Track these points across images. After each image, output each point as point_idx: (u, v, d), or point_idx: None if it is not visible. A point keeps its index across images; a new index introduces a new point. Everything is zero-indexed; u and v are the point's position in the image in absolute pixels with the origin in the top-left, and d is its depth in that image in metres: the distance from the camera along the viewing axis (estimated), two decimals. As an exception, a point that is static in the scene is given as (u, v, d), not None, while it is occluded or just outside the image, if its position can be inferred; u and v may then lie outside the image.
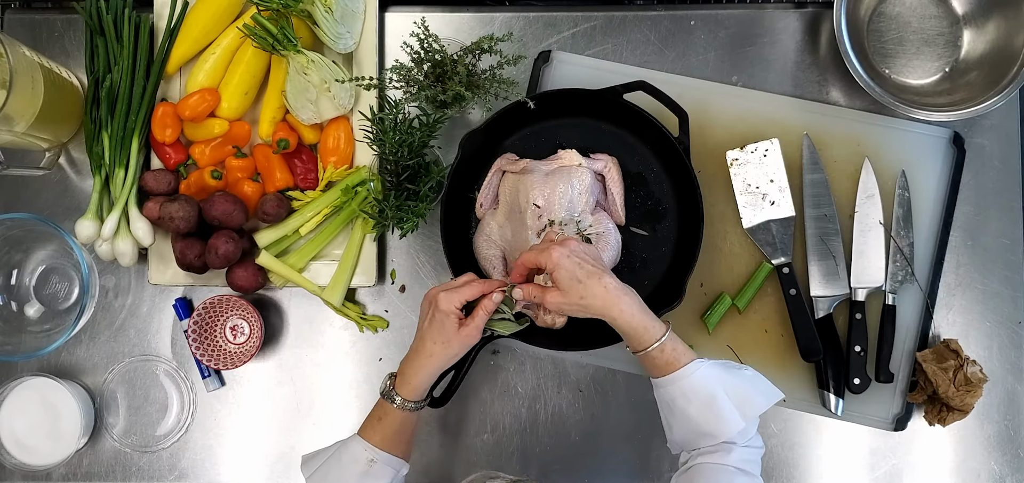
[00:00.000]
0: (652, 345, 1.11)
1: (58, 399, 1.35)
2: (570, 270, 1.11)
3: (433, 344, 1.14)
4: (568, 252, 1.13)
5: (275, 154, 1.37)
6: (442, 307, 1.14)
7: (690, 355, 1.11)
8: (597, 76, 1.40)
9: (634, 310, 1.12)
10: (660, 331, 1.12)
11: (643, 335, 1.11)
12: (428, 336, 1.15)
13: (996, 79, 1.35)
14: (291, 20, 1.31)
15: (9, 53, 1.21)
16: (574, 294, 1.11)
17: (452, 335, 1.14)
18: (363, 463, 1.13)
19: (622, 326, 1.12)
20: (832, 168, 1.39)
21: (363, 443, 1.15)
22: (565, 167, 1.32)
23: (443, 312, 1.14)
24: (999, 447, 1.37)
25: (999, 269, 1.39)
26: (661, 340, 1.11)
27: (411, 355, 1.17)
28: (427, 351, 1.15)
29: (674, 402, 1.10)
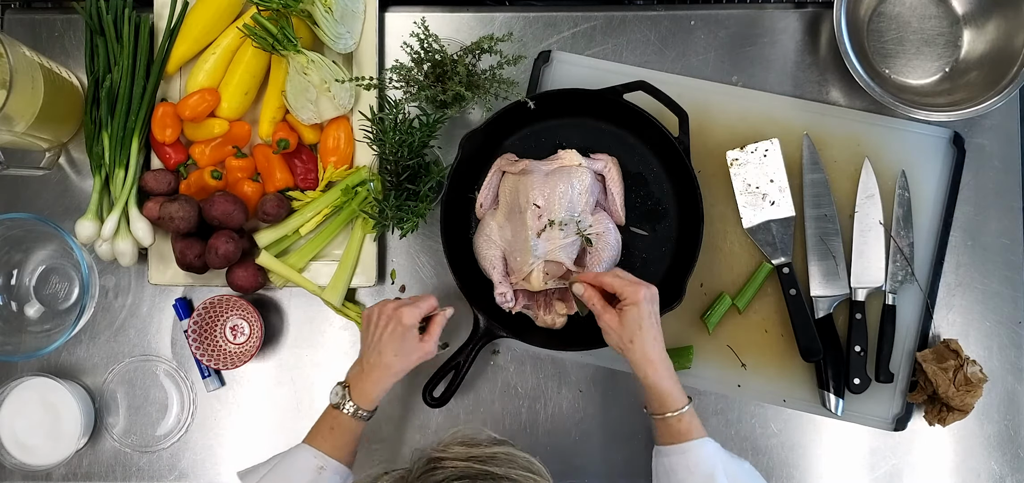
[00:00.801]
0: (673, 413, 1.14)
1: (58, 399, 1.35)
2: (641, 315, 1.15)
3: (394, 357, 1.18)
4: (650, 298, 1.16)
5: (275, 154, 1.37)
6: (406, 322, 1.18)
7: (702, 431, 1.15)
8: (597, 76, 1.40)
9: (666, 376, 1.15)
10: (684, 401, 1.15)
11: (667, 400, 1.14)
12: (387, 349, 1.18)
13: (996, 79, 1.35)
14: (291, 20, 1.31)
15: (9, 53, 1.21)
16: (629, 332, 1.15)
17: (412, 348, 1.19)
18: (312, 471, 1.13)
19: (652, 386, 1.15)
20: (832, 168, 1.39)
21: (312, 451, 1.15)
22: (565, 167, 1.32)
23: (405, 326, 1.18)
24: (999, 447, 1.37)
25: (999, 269, 1.39)
26: (682, 410, 1.14)
27: (367, 368, 1.18)
28: (385, 364, 1.18)
29: (675, 472, 1.13)
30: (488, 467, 0.81)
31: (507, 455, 0.83)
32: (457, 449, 0.83)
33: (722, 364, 1.37)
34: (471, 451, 0.83)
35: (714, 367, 1.38)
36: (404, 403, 1.39)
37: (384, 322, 1.19)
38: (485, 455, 0.82)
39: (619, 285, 1.17)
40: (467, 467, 0.81)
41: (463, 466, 0.81)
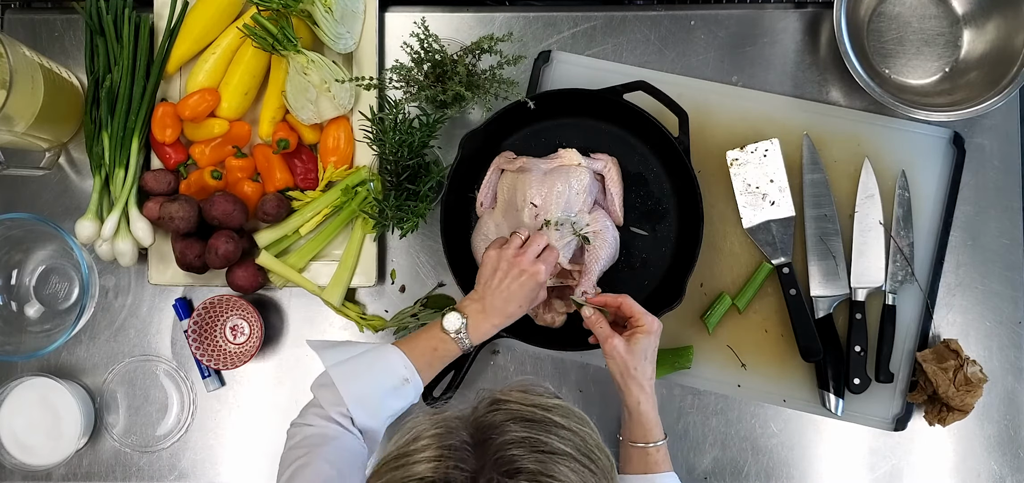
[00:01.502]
0: (652, 444, 1.16)
1: (58, 399, 1.35)
2: (649, 345, 1.17)
3: (518, 309, 1.19)
4: (659, 331, 1.18)
5: (275, 154, 1.37)
6: (542, 280, 1.19)
7: (671, 467, 1.17)
8: (597, 76, 1.39)
9: (654, 407, 1.17)
10: (656, 437, 1.17)
11: (650, 431, 1.16)
12: (514, 299, 1.18)
13: (996, 79, 1.35)
14: (291, 20, 1.31)
15: (9, 53, 1.21)
16: (635, 360, 1.17)
17: (535, 300, 1.20)
18: (398, 379, 1.12)
19: (638, 415, 1.16)
20: (832, 168, 1.39)
21: (404, 359, 1.13)
22: (564, 166, 1.32)
23: (540, 284, 1.19)
24: (999, 447, 1.37)
25: (999, 269, 1.39)
26: (659, 443, 1.16)
27: (490, 311, 1.18)
28: (510, 313, 1.18)
29: None
30: (551, 414, 0.81)
31: (565, 408, 0.84)
32: (517, 394, 0.84)
33: (722, 364, 1.38)
34: (532, 398, 0.83)
35: (714, 367, 1.38)
36: (404, 403, 1.39)
37: (518, 274, 1.18)
38: (547, 404, 0.83)
39: (638, 312, 1.18)
40: (531, 411, 0.81)
41: (527, 409, 0.81)
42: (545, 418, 0.81)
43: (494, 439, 0.78)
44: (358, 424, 1.10)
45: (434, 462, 0.77)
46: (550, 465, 0.76)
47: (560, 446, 0.78)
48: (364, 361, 1.13)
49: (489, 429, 0.79)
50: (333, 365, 1.12)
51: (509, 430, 0.78)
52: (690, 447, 1.38)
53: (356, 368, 1.12)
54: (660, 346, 1.36)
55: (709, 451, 1.38)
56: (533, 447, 0.77)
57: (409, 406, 1.16)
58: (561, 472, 0.76)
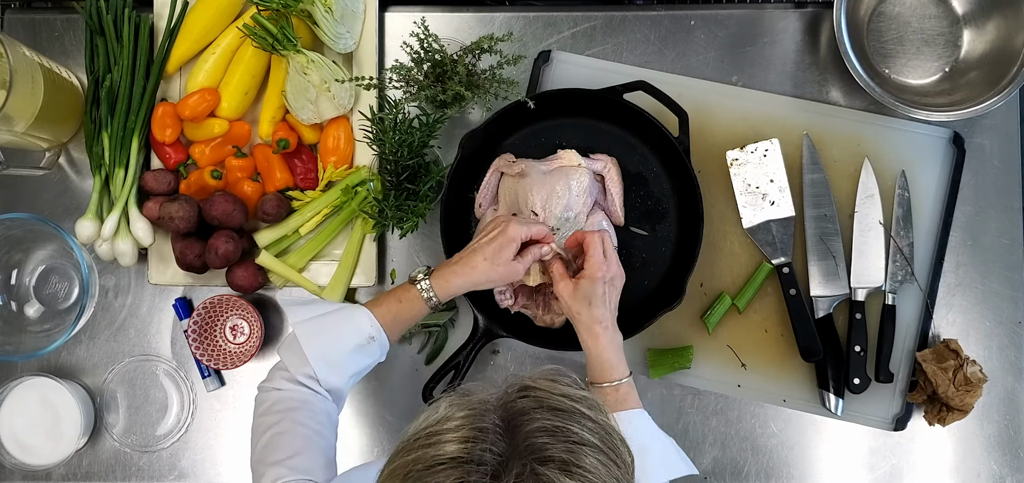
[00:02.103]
0: (610, 383, 1.16)
1: (58, 399, 1.35)
2: (593, 292, 1.17)
3: (484, 261, 1.18)
4: (608, 279, 1.18)
5: (275, 154, 1.37)
6: (510, 233, 1.18)
7: (638, 404, 1.16)
8: (597, 76, 1.40)
9: (609, 347, 1.17)
10: (624, 373, 1.17)
11: (607, 370, 1.16)
12: (482, 251, 1.18)
13: (996, 79, 1.35)
14: (291, 20, 1.31)
15: (9, 53, 1.21)
16: (578, 304, 1.18)
17: (503, 261, 1.18)
18: (363, 337, 1.14)
19: (592, 353, 1.17)
20: (832, 168, 1.39)
21: (370, 317, 1.15)
22: (564, 168, 1.31)
23: (509, 237, 1.18)
24: (999, 447, 1.37)
25: (999, 269, 1.39)
26: (620, 381, 1.16)
27: (458, 262, 1.19)
28: (474, 262, 1.18)
29: None
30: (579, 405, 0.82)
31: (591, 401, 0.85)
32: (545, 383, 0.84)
33: (722, 364, 1.38)
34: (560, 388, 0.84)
35: (714, 367, 1.38)
36: (404, 401, 1.39)
37: (492, 227, 1.20)
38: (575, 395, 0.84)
39: (589, 251, 1.19)
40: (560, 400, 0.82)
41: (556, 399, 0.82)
42: (573, 408, 0.81)
43: (524, 425, 0.79)
44: (323, 384, 1.12)
45: (465, 442, 0.77)
46: (578, 455, 0.77)
47: (588, 437, 0.79)
48: (331, 320, 1.15)
49: (519, 415, 0.80)
50: (298, 323, 1.14)
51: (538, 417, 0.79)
52: (690, 447, 1.38)
53: (322, 325, 1.14)
54: (660, 346, 1.36)
55: (709, 451, 1.38)
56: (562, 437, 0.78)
57: (375, 364, 1.18)
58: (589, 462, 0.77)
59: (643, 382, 1.38)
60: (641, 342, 1.36)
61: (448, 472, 0.76)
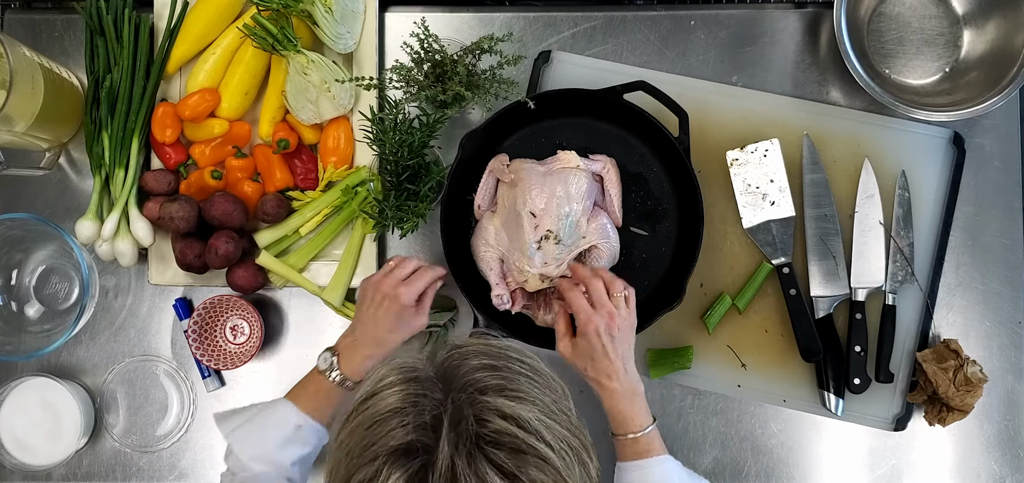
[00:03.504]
0: (628, 434, 1.15)
1: (58, 399, 1.35)
2: (592, 347, 1.15)
3: (388, 334, 1.19)
4: (603, 329, 1.15)
5: (275, 154, 1.37)
6: (404, 301, 1.19)
7: (663, 450, 1.16)
8: (597, 76, 1.40)
9: (624, 399, 1.15)
10: (646, 422, 1.15)
11: (627, 422, 1.15)
12: (382, 325, 1.19)
13: (996, 79, 1.35)
14: (291, 20, 1.31)
15: (9, 53, 1.21)
16: (580, 362, 1.17)
17: (407, 324, 1.20)
18: (291, 428, 1.15)
19: (608, 409, 1.16)
20: (832, 168, 1.39)
21: (293, 408, 1.16)
22: (562, 169, 1.31)
23: (403, 306, 1.19)
24: (999, 447, 1.37)
25: (999, 269, 1.39)
26: (641, 432, 1.15)
27: (361, 341, 1.19)
28: (379, 339, 1.19)
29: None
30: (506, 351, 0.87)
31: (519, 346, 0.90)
32: (472, 342, 0.89)
33: (722, 364, 1.38)
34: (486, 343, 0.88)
35: (714, 367, 1.38)
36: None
37: (381, 299, 1.20)
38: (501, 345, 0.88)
39: (577, 308, 1.17)
40: (487, 348, 0.87)
41: (484, 348, 0.87)
42: (501, 353, 0.87)
43: (458, 369, 0.84)
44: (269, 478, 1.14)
45: (402, 393, 0.82)
46: (514, 381, 0.83)
47: (519, 370, 0.85)
48: (256, 421, 1.16)
49: (452, 364, 0.85)
50: (229, 433, 1.15)
51: (472, 361, 0.85)
52: (690, 447, 1.38)
53: (249, 429, 1.15)
54: (660, 346, 1.36)
55: (709, 451, 1.38)
56: (495, 371, 0.84)
57: (320, 445, 1.18)
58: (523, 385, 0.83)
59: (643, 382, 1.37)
60: (641, 342, 1.36)
61: (392, 420, 0.81)
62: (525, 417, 0.80)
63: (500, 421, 0.80)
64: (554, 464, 0.80)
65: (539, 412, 0.82)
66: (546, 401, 0.83)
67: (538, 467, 0.79)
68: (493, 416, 0.80)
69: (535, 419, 0.81)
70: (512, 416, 0.80)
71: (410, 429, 0.80)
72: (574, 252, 1.29)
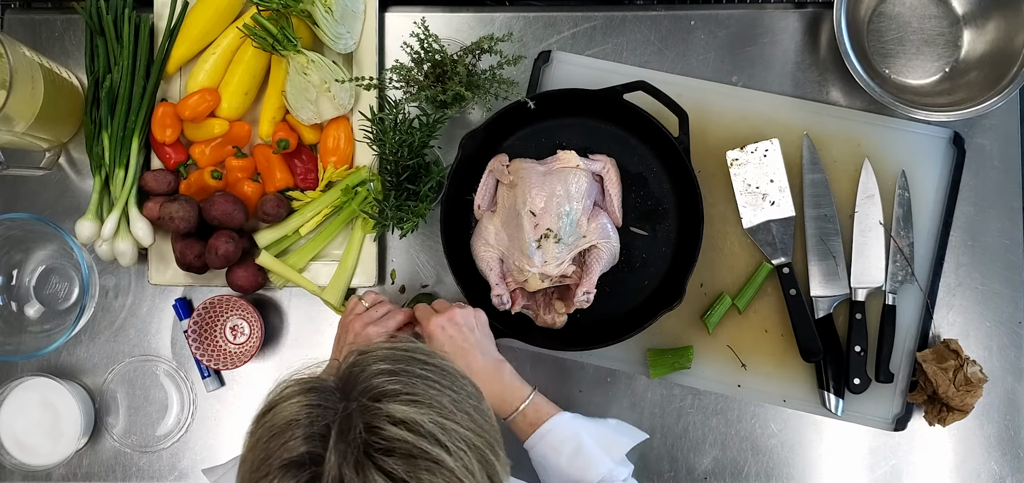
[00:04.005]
0: (515, 410, 1.16)
1: (58, 399, 1.34)
2: (438, 343, 1.18)
3: None
4: (444, 323, 1.18)
5: (275, 154, 1.37)
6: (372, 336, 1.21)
7: (553, 410, 1.17)
8: (597, 76, 1.39)
9: (494, 381, 1.17)
10: (525, 393, 1.17)
11: (503, 405, 1.17)
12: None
13: (996, 79, 1.35)
14: (291, 20, 1.31)
15: (9, 53, 1.21)
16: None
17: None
18: None
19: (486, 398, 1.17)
20: (832, 168, 1.39)
21: None
22: (562, 169, 1.31)
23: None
24: (999, 447, 1.37)
25: (999, 269, 1.39)
26: (523, 404, 1.16)
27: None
28: None
29: (546, 458, 1.16)
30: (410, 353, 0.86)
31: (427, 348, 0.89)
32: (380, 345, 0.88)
33: (722, 364, 1.38)
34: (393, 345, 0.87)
35: (714, 367, 1.38)
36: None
37: (353, 338, 1.22)
38: (408, 347, 0.87)
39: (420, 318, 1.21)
40: (392, 352, 0.85)
41: (389, 352, 0.85)
42: (404, 356, 0.86)
43: (359, 376, 0.83)
44: None
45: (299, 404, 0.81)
46: (411, 385, 0.82)
47: (420, 372, 0.84)
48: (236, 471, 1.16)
49: (354, 371, 0.84)
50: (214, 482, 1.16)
51: (373, 368, 0.83)
52: (690, 447, 1.38)
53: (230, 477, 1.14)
54: (660, 346, 1.36)
55: (709, 451, 1.38)
56: (392, 375, 0.82)
57: None
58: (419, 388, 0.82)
59: (643, 382, 1.38)
60: (641, 342, 1.36)
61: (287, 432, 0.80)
62: (417, 420, 0.79)
63: (391, 427, 0.78)
64: (448, 465, 0.78)
65: (435, 414, 0.80)
66: (445, 402, 0.82)
67: (430, 470, 0.77)
68: (384, 422, 0.78)
69: (429, 422, 0.79)
70: (404, 420, 0.78)
71: (301, 440, 0.79)
72: (574, 251, 1.29)
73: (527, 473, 1.19)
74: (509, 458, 0.90)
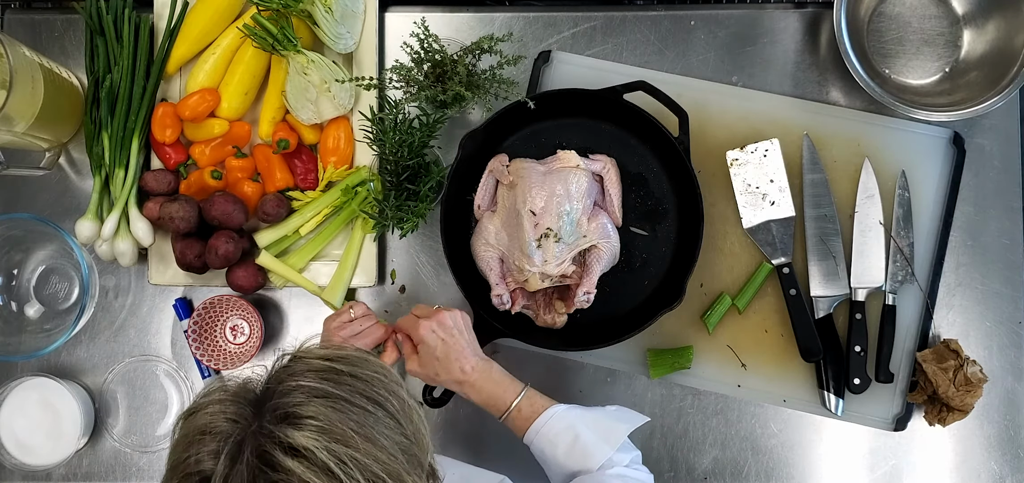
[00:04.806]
0: (509, 408, 1.16)
1: (58, 399, 1.34)
2: (431, 347, 1.17)
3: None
4: (434, 327, 1.17)
5: (275, 154, 1.37)
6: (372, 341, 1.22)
7: (548, 403, 1.17)
8: (597, 76, 1.39)
9: (485, 383, 1.17)
10: (517, 390, 1.17)
11: (498, 403, 1.17)
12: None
13: (996, 79, 1.35)
14: (291, 20, 1.31)
15: (9, 53, 1.21)
16: (429, 369, 1.18)
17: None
18: None
19: (478, 401, 1.18)
20: (832, 168, 1.39)
21: None
22: (562, 169, 1.31)
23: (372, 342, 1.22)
24: (999, 447, 1.37)
25: (999, 269, 1.39)
26: (516, 400, 1.16)
27: None
28: None
29: (544, 452, 1.15)
30: (335, 364, 0.83)
31: (358, 356, 0.86)
32: (317, 351, 0.86)
33: (722, 364, 1.38)
34: (329, 352, 0.85)
35: (714, 367, 1.38)
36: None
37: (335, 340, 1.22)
38: (335, 355, 0.85)
39: (408, 326, 1.20)
40: (317, 363, 0.83)
41: (315, 362, 0.83)
42: (328, 368, 0.83)
43: (277, 389, 0.80)
44: None
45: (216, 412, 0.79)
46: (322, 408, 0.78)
47: (337, 390, 0.81)
48: None
49: (275, 381, 0.82)
50: None
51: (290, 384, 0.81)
52: (690, 447, 1.38)
53: None
54: (660, 346, 1.36)
55: (709, 451, 1.38)
56: (311, 394, 0.79)
57: None
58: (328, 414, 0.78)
59: (643, 382, 1.38)
60: (641, 342, 1.36)
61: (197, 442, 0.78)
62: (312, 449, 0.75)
63: (283, 457, 0.75)
64: None
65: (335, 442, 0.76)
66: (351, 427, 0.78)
67: None
68: (277, 451, 0.75)
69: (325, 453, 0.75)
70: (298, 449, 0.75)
71: (205, 456, 0.77)
72: (574, 251, 1.29)
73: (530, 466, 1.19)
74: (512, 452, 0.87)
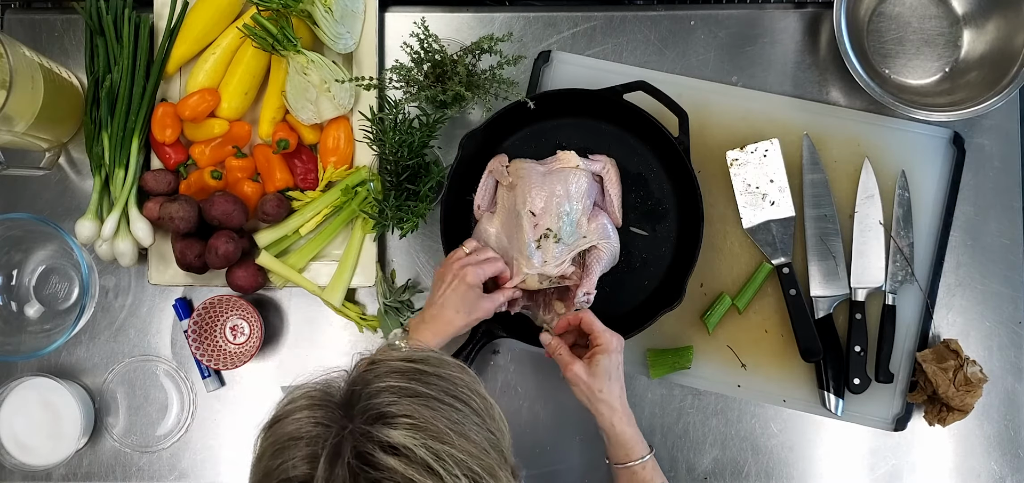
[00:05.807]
0: (635, 462, 1.17)
1: (58, 399, 1.34)
2: (611, 364, 1.18)
3: (456, 314, 1.20)
4: (619, 347, 1.19)
5: (275, 154, 1.37)
6: (470, 281, 1.20)
7: (665, 480, 1.18)
8: (597, 76, 1.40)
9: (630, 425, 1.18)
10: (646, 450, 1.18)
11: (631, 450, 1.17)
12: (450, 304, 1.20)
13: (996, 79, 1.35)
14: (291, 20, 1.31)
15: (9, 53, 1.21)
16: (599, 382, 1.17)
17: (474, 306, 1.21)
18: None
19: (618, 436, 1.18)
20: (832, 168, 1.39)
21: None
22: (562, 169, 1.31)
23: (468, 285, 1.20)
24: (999, 447, 1.37)
25: (999, 269, 1.39)
26: (645, 459, 1.17)
27: (428, 319, 1.20)
28: (447, 319, 1.20)
29: None
30: (419, 366, 0.84)
31: (439, 358, 0.87)
32: (395, 354, 0.87)
33: (722, 364, 1.38)
34: (408, 354, 0.87)
35: (714, 367, 1.38)
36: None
37: (450, 278, 1.21)
38: (417, 357, 0.86)
39: (597, 329, 1.20)
40: (400, 365, 0.84)
41: (397, 364, 0.84)
42: (412, 369, 0.84)
43: (362, 392, 0.81)
44: None
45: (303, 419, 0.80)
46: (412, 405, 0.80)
47: (424, 389, 0.82)
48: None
49: (356, 387, 0.83)
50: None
51: (376, 385, 0.82)
52: (690, 447, 1.38)
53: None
54: (660, 346, 1.36)
55: (709, 451, 1.38)
56: (401, 394, 0.81)
57: None
58: (420, 411, 0.80)
59: (643, 382, 1.38)
60: (641, 342, 1.36)
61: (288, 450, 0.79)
62: (410, 447, 0.76)
63: (383, 455, 0.76)
64: None
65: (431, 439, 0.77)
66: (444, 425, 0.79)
67: None
68: (376, 450, 0.76)
69: (422, 449, 0.77)
70: (397, 447, 0.76)
71: (301, 460, 0.78)
72: (574, 251, 1.29)
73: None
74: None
